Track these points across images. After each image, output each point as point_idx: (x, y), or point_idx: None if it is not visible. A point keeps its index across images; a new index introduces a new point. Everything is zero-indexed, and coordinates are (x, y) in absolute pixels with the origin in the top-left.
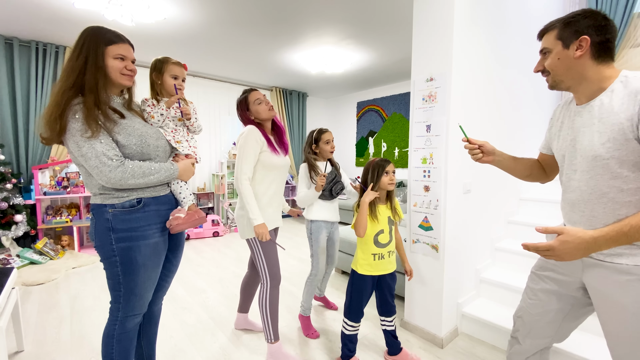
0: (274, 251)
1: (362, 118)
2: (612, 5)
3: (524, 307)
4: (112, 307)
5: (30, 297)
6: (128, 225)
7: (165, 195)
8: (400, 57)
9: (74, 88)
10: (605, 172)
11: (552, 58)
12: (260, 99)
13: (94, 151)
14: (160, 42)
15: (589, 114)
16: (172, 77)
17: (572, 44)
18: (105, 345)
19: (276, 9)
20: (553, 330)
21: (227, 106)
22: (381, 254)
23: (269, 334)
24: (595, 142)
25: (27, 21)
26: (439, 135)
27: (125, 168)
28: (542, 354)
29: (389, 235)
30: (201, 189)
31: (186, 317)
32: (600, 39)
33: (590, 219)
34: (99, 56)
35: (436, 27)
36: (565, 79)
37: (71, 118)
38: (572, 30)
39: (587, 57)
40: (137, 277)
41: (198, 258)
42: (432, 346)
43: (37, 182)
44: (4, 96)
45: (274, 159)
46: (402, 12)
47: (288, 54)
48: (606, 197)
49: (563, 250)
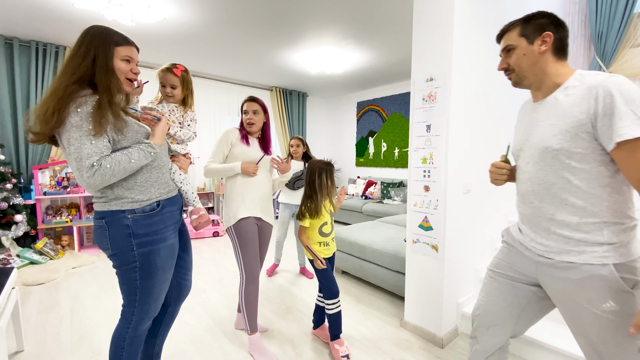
0: (251, 245)
1: (362, 118)
2: (612, 5)
3: (481, 305)
4: (126, 310)
5: (30, 297)
6: (148, 229)
7: (175, 196)
8: (400, 57)
9: (79, 83)
10: (555, 162)
11: (518, 54)
12: (247, 110)
13: (78, 153)
14: (160, 42)
15: (544, 109)
16: (160, 85)
17: (536, 40)
18: (115, 347)
19: (276, 9)
20: (510, 327)
21: (227, 106)
22: (325, 242)
23: (247, 326)
24: (547, 134)
25: (27, 21)
26: (439, 135)
27: (103, 169)
28: (501, 354)
29: (331, 226)
30: (201, 189)
31: (186, 317)
32: (559, 35)
33: (540, 209)
34: (108, 57)
35: (436, 27)
36: (529, 74)
37: (72, 111)
38: (534, 26)
39: (549, 53)
40: (155, 280)
41: (198, 258)
42: (432, 346)
43: (37, 182)
44: (4, 96)
45: (244, 149)
46: (402, 12)
47: (288, 54)
48: (555, 188)
49: None
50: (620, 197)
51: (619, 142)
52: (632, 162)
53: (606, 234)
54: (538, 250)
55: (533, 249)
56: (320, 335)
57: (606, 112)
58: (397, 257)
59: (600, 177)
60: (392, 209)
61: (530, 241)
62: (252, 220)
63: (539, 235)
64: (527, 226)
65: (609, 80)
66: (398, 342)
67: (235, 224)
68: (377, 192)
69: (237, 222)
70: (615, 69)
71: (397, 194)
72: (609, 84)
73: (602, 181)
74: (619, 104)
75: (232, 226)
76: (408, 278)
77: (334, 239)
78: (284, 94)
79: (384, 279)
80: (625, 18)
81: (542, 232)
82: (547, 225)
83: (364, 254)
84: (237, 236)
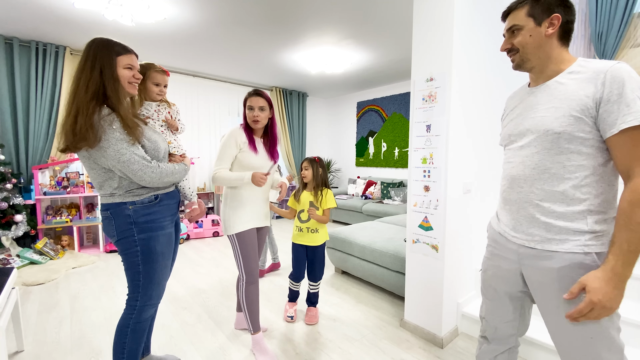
0: (252, 250)
1: (362, 118)
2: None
3: (486, 308)
4: (130, 298)
5: (30, 297)
6: (148, 218)
7: (173, 191)
8: (400, 57)
9: (96, 100)
10: (553, 146)
11: (524, 35)
12: (252, 106)
13: (136, 156)
14: (160, 42)
15: (544, 92)
16: (154, 84)
17: (544, 22)
18: (119, 335)
19: (276, 8)
20: (515, 327)
21: (227, 106)
22: (300, 227)
23: (249, 326)
24: (549, 117)
25: (27, 21)
26: (439, 135)
27: (161, 169)
28: (511, 354)
29: (307, 215)
30: (201, 189)
31: (186, 317)
32: (567, 18)
33: (528, 194)
34: (113, 67)
35: (436, 27)
36: (533, 57)
37: (108, 129)
38: (544, 7)
39: (555, 37)
40: (156, 264)
41: (198, 258)
42: (432, 346)
43: (37, 182)
44: (4, 96)
45: (252, 159)
46: (402, 12)
47: (288, 54)
48: (548, 173)
49: (604, 297)
50: (607, 187)
51: (624, 128)
52: (627, 149)
53: (589, 223)
54: (519, 241)
55: (514, 239)
56: None
57: (611, 98)
58: (397, 257)
59: (595, 164)
60: (392, 209)
61: (511, 230)
62: (253, 229)
63: (520, 223)
64: (508, 213)
65: (617, 66)
66: (398, 342)
67: (237, 233)
68: (377, 192)
69: (239, 233)
70: None
71: (397, 194)
72: (618, 70)
73: (595, 169)
74: (627, 91)
75: (234, 235)
76: (408, 278)
77: (312, 232)
78: (284, 94)
79: (384, 279)
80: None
81: (524, 220)
82: (533, 211)
83: (364, 254)
84: (238, 243)
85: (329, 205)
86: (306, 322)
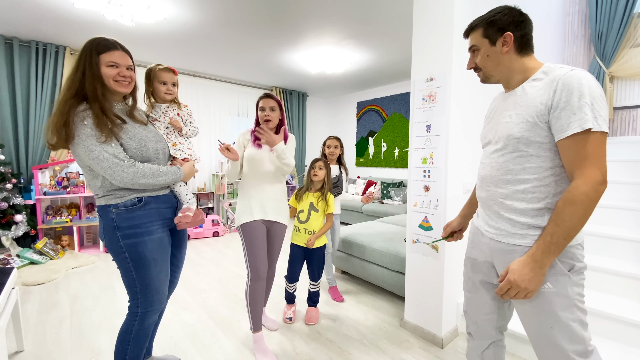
0: (258, 246)
1: (362, 118)
2: (612, 5)
3: (466, 302)
4: (131, 304)
5: (30, 297)
6: (131, 222)
7: (165, 195)
8: (400, 57)
9: (76, 97)
10: (515, 150)
11: (482, 55)
12: (264, 107)
13: (106, 154)
14: (160, 42)
15: (511, 99)
16: (160, 83)
17: (497, 41)
18: (121, 342)
19: (276, 9)
20: (494, 320)
21: (227, 106)
22: (297, 227)
23: (250, 324)
24: (511, 123)
25: (27, 21)
26: (439, 135)
27: (137, 168)
28: (496, 348)
29: (306, 216)
30: (201, 189)
31: (186, 317)
32: (520, 33)
33: (493, 193)
34: (93, 65)
35: (436, 27)
36: (495, 73)
37: (79, 124)
38: (496, 28)
39: (512, 52)
40: (149, 271)
41: (198, 258)
42: (432, 346)
43: (37, 182)
44: (4, 96)
45: (252, 152)
46: (402, 12)
47: (288, 54)
48: (510, 174)
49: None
50: (566, 186)
51: (570, 134)
52: (572, 153)
53: (547, 219)
54: (490, 234)
55: (486, 233)
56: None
57: (559, 105)
58: (397, 257)
59: (553, 166)
60: (392, 209)
61: (484, 224)
62: (259, 222)
63: (491, 218)
64: (482, 209)
65: (570, 74)
66: (398, 342)
67: (241, 225)
68: (377, 192)
69: (243, 224)
70: (615, 69)
71: (397, 194)
72: (569, 77)
73: (553, 170)
74: (574, 98)
75: (240, 226)
76: (408, 278)
77: (309, 233)
78: (284, 94)
79: (384, 279)
80: (625, 18)
81: (493, 215)
82: (498, 209)
83: (364, 254)
84: (243, 236)
85: (330, 210)
86: (306, 322)
